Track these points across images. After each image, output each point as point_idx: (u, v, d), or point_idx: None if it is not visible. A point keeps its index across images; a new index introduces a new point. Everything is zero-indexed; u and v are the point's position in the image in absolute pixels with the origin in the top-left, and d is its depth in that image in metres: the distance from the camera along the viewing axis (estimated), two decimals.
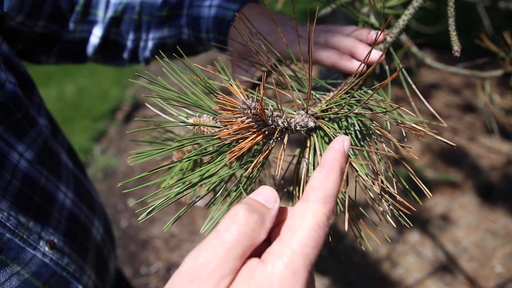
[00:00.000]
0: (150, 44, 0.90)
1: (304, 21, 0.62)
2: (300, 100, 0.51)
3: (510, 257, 2.45)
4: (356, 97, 0.50)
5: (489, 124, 2.93)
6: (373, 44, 0.49)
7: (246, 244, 0.33)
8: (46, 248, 0.71)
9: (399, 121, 0.44)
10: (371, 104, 0.46)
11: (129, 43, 0.91)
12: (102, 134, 3.80)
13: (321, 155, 0.45)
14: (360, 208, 0.49)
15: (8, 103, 0.68)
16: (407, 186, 0.48)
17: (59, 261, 0.73)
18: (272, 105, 0.48)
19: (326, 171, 0.37)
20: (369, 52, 0.45)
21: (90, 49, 0.91)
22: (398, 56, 0.70)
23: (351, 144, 0.45)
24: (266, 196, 0.37)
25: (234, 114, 0.40)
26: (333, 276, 2.40)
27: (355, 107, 0.46)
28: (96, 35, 0.89)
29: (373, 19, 0.94)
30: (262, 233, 0.34)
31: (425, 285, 2.32)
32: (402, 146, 0.41)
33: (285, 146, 0.43)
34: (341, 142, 0.38)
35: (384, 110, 0.42)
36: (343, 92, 0.47)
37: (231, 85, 0.40)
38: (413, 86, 0.52)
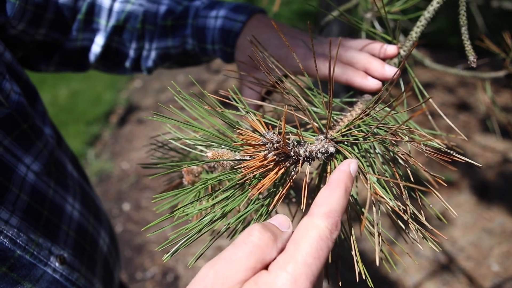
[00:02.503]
0: (153, 53, 0.88)
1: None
2: (316, 122, 0.49)
3: (506, 255, 2.47)
4: (380, 122, 0.48)
5: (490, 126, 2.95)
6: (399, 68, 0.47)
7: (259, 257, 0.35)
8: (57, 264, 0.70)
9: (424, 145, 0.42)
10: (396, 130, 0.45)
11: (131, 52, 0.89)
12: (96, 138, 3.76)
13: None
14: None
15: (14, 114, 0.66)
16: (437, 212, 0.46)
17: (69, 276, 0.72)
18: (290, 131, 0.46)
19: (330, 189, 0.39)
20: (395, 74, 0.44)
21: (91, 57, 0.89)
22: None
23: (374, 173, 0.44)
24: (280, 221, 0.39)
25: (257, 149, 0.38)
26: (331, 278, 2.40)
27: (381, 133, 0.44)
28: (98, 44, 0.87)
29: (377, 26, 0.92)
30: (274, 250, 0.36)
31: (423, 285, 2.33)
32: (431, 174, 0.39)
33: (307, 178, 0.42)
34: (347, 165, 0.41)
35: (412, 140, 0.41)
36: (364, 114, 0.45)
37: (249, 116, 0.39)
38: (434, 106, 0.50)
